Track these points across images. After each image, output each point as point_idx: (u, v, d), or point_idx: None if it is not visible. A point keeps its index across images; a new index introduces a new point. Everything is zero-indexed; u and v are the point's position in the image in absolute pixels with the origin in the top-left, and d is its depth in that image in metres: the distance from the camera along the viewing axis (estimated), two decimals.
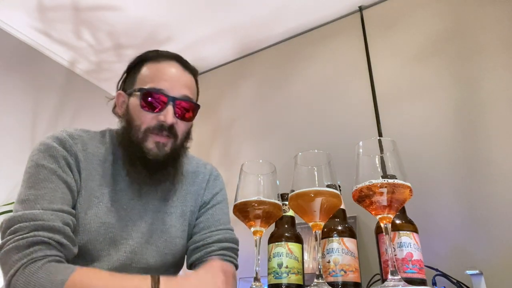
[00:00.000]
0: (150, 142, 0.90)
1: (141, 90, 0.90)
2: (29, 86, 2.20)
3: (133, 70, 0.97)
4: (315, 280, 0.78)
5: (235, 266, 0.99)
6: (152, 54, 0.97)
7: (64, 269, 0.72)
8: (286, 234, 0.98)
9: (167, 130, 0.89)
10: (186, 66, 0.97)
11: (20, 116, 2.12)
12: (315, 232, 0.82)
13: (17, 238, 0.73)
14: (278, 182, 0.92)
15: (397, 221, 0.89)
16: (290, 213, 1.02)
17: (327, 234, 0.94)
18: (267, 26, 2.19)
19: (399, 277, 0.70)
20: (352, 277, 0.88)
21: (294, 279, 0.91)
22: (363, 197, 0.76)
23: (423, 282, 0.82)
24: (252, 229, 0.88)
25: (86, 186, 0.88)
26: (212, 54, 2.42)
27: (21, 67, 2.19)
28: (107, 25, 2.16)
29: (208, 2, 2.03)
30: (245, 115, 2.24)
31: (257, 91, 2.26)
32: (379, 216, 0.76)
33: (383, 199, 0.73)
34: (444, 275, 1.16)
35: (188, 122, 0.96)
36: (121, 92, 0.98)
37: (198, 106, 0.97)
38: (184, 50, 2.33)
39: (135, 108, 0.92)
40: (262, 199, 0.86)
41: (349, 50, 1.99)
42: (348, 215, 1.03)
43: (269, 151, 2.03)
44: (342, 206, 0.93)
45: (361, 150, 0.80)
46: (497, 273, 1.25)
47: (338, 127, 1.84)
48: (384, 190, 0.73)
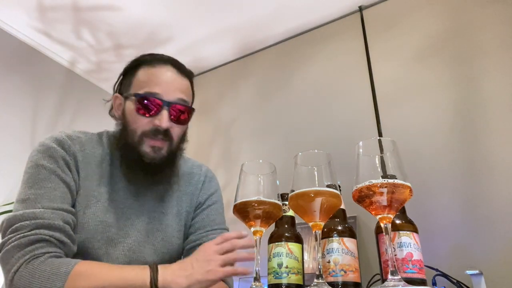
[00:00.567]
0: (146, 146, 0.91)
1: (137, 95, 0.92)
2: (29, 86, 2.20)
3: (129, 73, 0.98)
4: (315, 280, 0.78)
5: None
6: (147, 58, 0.98)
7: (67, 262, 0.74)
8: (286, 234, 0.98)
9: (162, 134, 0.91)
10: (181, 69, 0.98)
11: (20, 116, 2.12)
12: (315, 232, 0.82)
13: (18, 236, 0.75)
14: (278, 182, 0.92)
15: (397, 221, 0.89)
16: (290, 213, 1.02)
17: (327, 234, 0.94)
18: (267, 26, 2.19)
19: (399, 277, 0.70)
20: (352, 277, 0.88)
21: (294, 279, 0.91)
22: (363, 197, 0.76)
23: (423, 282, 0.82)
24: (252, 229, 0.88)
25: (84, 186, 0.90)
26: (212, 54, 2.42)
27: (21, 67, 2.19)
28: (107, 25, 2.16)
29: (208, 2, 2.03)
30: (245, 115, 2.24)
31: (257, 91, 2.26)
32: (379, 216, 0.76)
33: (383, 199, 0.73)
34: (444, 275, 1.16)
35: (183, 125, 0.97)
36: (117, 95, 1.00)
37: (193, 109, 0.99)
38: (184, 50, 2.33)
39: (131, 112, 0.93)
40: (262, 199, 0.86)
41: (349, 50, 1.99)
42: (348, 215, 1.03)
43: (269, 151, 2.03)
44: (342, 206, 0.93)
45: (361, 150, 0.80)
46: (497, 273, 1.25)
47: (338, 127, 1.84)
48: (384, 190, 0.73)
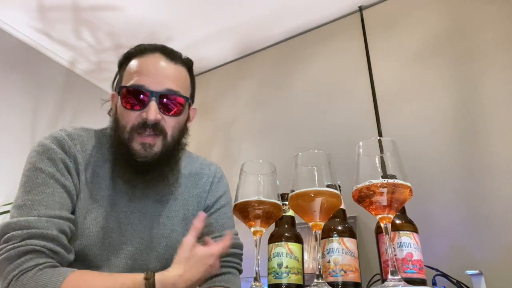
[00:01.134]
0: (136, 143, 0.85)
1: (122, 88, 0.86)
2: (29, 86, 2.20)
3: (122, 68, 0.93)
4: (315, 280, 0.78)
5: (239, 271, 0.98)
6: (136, 48, 0.92)
7: (56, 276, 0.70)
8: (286, 234, 0.98)
9: (151, 128, 0.84)
10: (172, 56, 0.91)
11: (20, 116, 2.12)
12: (315, 232, 0.82)
13: (9, 247, 0.71)
14: (278, 182, 0.92)
15: (397, 221, 0.89)
16: (290, 213, 1.02)
17: (327, 234, 0.93)
18: (267, 26, 2.19)
19: (399, 277, 0.70)
20: (352, 277, 0.88)
21: (294, 279, 0.91)
22: (363, 197, 0.76)
23: (423, 282, 0.82)
24: (252, 229, 0.87)
25: (85, 190, 0.85)
26: (212, 54, 2.42)
27: (21, 67, 2.19)
28: (107, 25, 2.16)
29: (208, 2, 2.03)
30: (245, 115, 2.24)
31: (257, 91, 2.26)
32: (379, 216, 0.76)
33: (383, 199, 0.73)
34: (444, 275, 1.16)
35: (177, 116, 0.89)
36: (114, 93, 0.95)
37: (187, 99, 0.91)
38: (184, 50, 2.30)
39: (120, 107, 0.88)
40: (262, 199, 0.86)
41: (349, 50, 1.99)
42: (348, 215, 1.02)
43: (269, 151, 2.03)
44: (342, 206, 0.93)
45: (361, 150, 0.80)
46: (497, 273, 1.25)
47: (338, 127, 1.84)
48: (384, 190, 0.73)
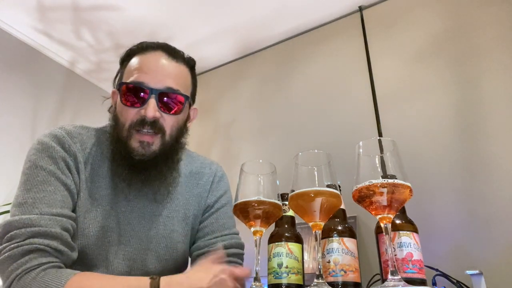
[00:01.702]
0: (135, 141, 0.85)
1: (122, 85, 0.86)
2: (29, 86, 2.20)
3: (123, 65, 0.93)
4: (315, 280, 0.78)
5: None
6: (139, 46, 0.92)
7: (58, 277, 0.69)
8: (286, 234, 0.97)
9: (149, 125, 0.84)
10: (174, 55, 0.91)
11: (20, 116, 2.11)
12: (315, 232, 0.82)
13: (12, 246, 0.71)
14: (278, 182, 0.92)
15: (397, 221, 0.89)
16: (290, 213, 1.02)
17: (327, 234, 0.93)
18: (267, 26, 2.19)
19: (399, 277, 0.70)
20: (352, 277, 0.88)
21: (294, 279, 0.91)
22: (363, 197, 0.76)
23: (423, 282, 0.82)
24: (252, 229, 0.87)
25: (85, 188, 0.84)
26: (212, 54, 2.42)
27: (21, 67, 2.19)
28: (107, 25, 2.16)
29: (208, 2, 2.03)
30: (245, 115, 2.24)
31: (257, 91, 2.26)
32: (379, 216, 0.76)
33: (383, 199, 0.73)
34: (444, 275, 1.16)
35: (176, 115, 0.88)
36: (114, 90, 0.94)
37: (187, 97, 0.90)
38: (184, 50, 2.32)
39: (119, 104, 0.87)
40: (262, 199, 0.86)
41: (349, 50, 1.99)
42: (348, 215, 1.02)
43: (269, 151, 2.03)
44: (342, 206, 0.93)
45: (361, 150, 0.80)
46: (497, 273, 1.25)
47: (338, 127, 1.84)
48: (384, 190, 0.73)
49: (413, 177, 0.79)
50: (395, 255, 0.84)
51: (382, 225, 0.75)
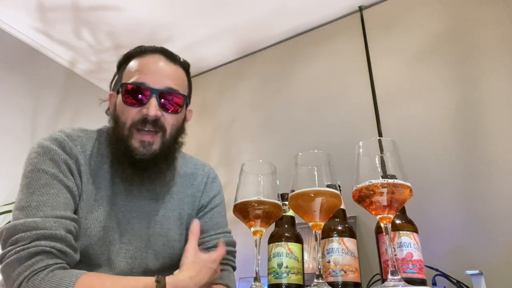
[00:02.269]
0: (135, 141, 0.87)
1: (123, 85, 0.89)
2: (29, 86, 2.20)
3: (121, 68, 0.95)
4: (315, 280, 0.78)
5: (233, 268, 1.01)
6: (137, 49, 0.95)
7: (68, 277, 0.70)
8: (286, 234, 0.98)
9: (151, 124, 0.86)
10: (172, 58, 0.94)
11: (20, 116, 2.12)
12: (315, 232, 0.82)
13: (18, 249, 0.71)
14: (278, 182, 0.92)
15: (397, 221, 0.89)
16: (290, 213, 1.02)
17: (327, 234, 0.94)
18: (267, 26, 2.19)
19: (399, 277, 0.70)
20: (352, 277, 0.88)
21: (294, 279, 0.91)
22: (363, 197, 0.76)
23: (423, 282, 0.82)
24: (252, 229, 0.88)
25: (86, 190, 0.86)
26: (212, 54, 2.42)
27: (22, 67, 2.19)
28: (107, 25, 2.16)
29: (208, 2, 2.03)
30: (245, 115, 2.24)
31: (257, 91, 2.26)
32: (379, 216, 0.76)
33: (383, 199, 0.73)
34: (444, 275, 1.16)
35: (176, 114, 0.92)
36: (112, 93, 0.97)
37: (185, 97, 0.94)
38: (184, 50, 2.33)
39: (120, 104, 0.89)
40: (262, 199, 0.86)
41: (349, 50, 1.99)
42: (348, 215, 1.03)
43: (269, 151, 2.03)
44: (342, 206, 0.93)
45: (361, 150, 0.80)
46: (497, 273, 1.25)
47: (338, 127, 1.84)
48: (384, 190, 0.73)
49: (413, 177, 0.79)
50: (395, 255, 0.84)
51: (382, 225, 0.76)
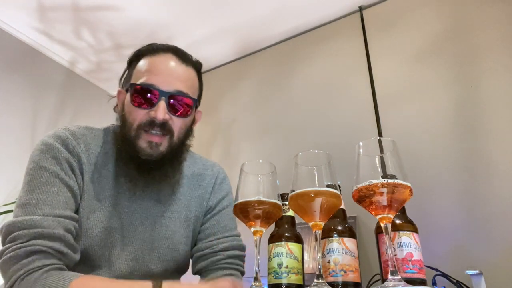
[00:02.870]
0: (143, 141, 0.85)
1: (133, 86, 0.86)
2: (29, 86, 2.20)
3: (132, 65, 0.93)
4: (315, 280, 0.78)
5: (242, 273, 0.98)
6: (149, 47, 0.92)
7: (61, 279, 0.68)
8: (286, 234, 0.97)
9: (159, 127, 0.84)
10: (184, 58, 0.91)
11: (20, 116, 2.12)
12: (315, 232, 0.82)
13: (15, 247, 0.71)
14: (278, 182, 0.92)
15: (397, 221, 0.89)
16: (290, 213, 1.02)
17: (327, 234, 0.93)
18: (267, 26, 2.19)
19: (399, 277, 0.70)
20: (352, 277, 0.88)
21: (294, 279, 0.91)
22: (363, 197, 0.76)
23: (423, 282, 0.82)
24: (252, 229, 0.87)
25: (88, 190, 0.84)
26: (212, 54, 2.42)
27: (22, 67, 2.19)
28: (107, 25, 2.16)
29: (208, 2, 2.03)
30: (245, 115, 2.24)
31: (257, 91, 2.26)
32: (379, 216, 0.76)
33: (383, 199, 0.73)
34: (444, 275, 1.16)
35: (184, 118, 0.89)
36: (121, 90, 0.94)
37: (195, 100, 0.91)
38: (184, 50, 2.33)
39: (128, 104, 0.88)
40: (262, 199, 0.86)
41: (349, 50, 1.99)
42: (348, 215, 1.02)
43: (269, 151, 2.03)
44: (342, 206, 0.93)
45: (361, 150, 0.80)
46: (497, 273, 1.25)
47: (338, 127, 1.84)
48: (384, 190, 0.73)
49: (413, 177, 0.79)
50: (395, 255, 0.84)
51: (382, 225, 0.75)
